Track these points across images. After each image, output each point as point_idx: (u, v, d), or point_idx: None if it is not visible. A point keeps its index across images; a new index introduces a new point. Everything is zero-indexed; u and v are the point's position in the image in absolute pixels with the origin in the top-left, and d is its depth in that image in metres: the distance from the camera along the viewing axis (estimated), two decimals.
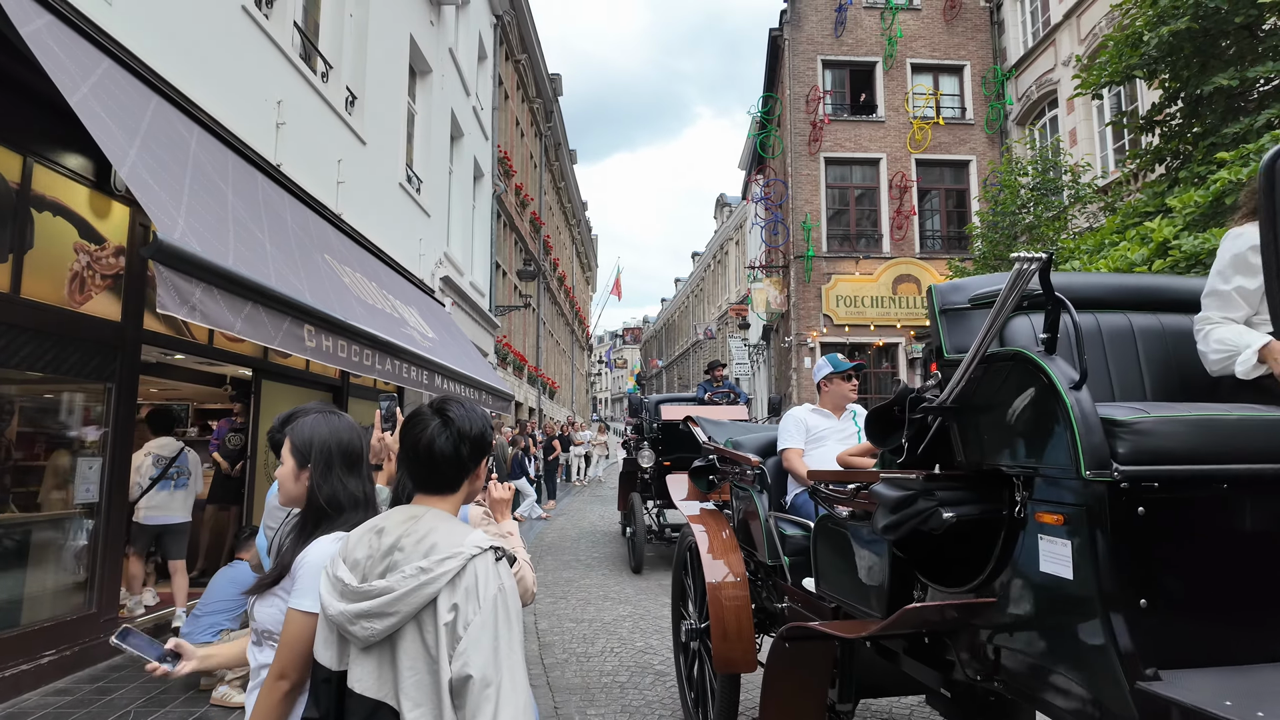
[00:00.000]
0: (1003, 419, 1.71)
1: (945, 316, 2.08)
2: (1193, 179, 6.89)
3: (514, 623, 1.33)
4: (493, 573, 1.33)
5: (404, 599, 1.30)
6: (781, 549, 3.16)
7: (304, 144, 6.55)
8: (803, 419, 3.66)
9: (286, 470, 1.75)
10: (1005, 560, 1.70)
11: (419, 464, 1.50)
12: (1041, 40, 17.03)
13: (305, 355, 4.17)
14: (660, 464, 8.03)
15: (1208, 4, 6.49)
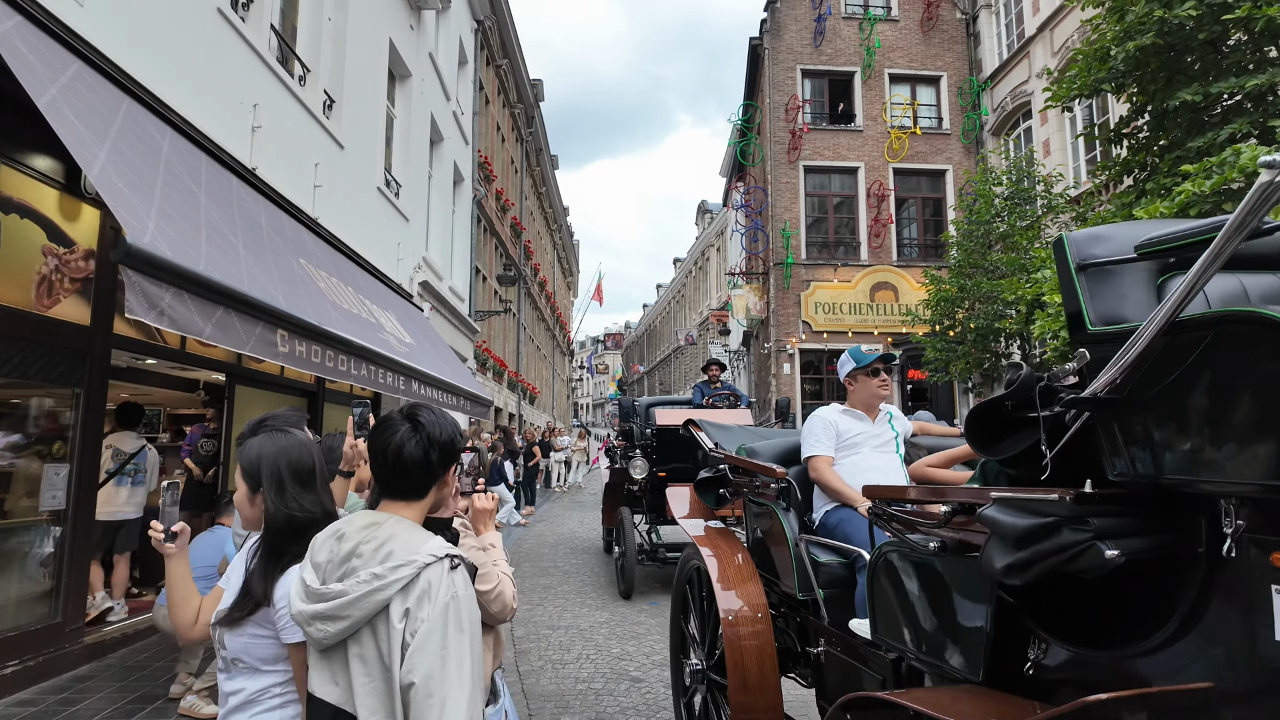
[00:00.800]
0: (1205, 415, 1.21)
1: (1085, 276, 1.53)
2: (1159, 191, 7.05)
3: (466, 632, 1.32)
4: (445, 581, 1.33)
5: (356, 604, 1.31)
6: (815, 580, 2.69)
7: (280, 147, 6.51)
8: (832, 421, 3.15)
9: (241, 495, 1.72)
10: (1198, 617, 1.24)
11: (387, 469, 1.50)
12: (1016, 52, 17.33)
13: (278, 361, 4.14)
14: (654, 474, 7.25)
15: (1172, 20, 6.65)
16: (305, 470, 1.72)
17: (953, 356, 12.78)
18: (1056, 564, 1.31)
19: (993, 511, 1.44)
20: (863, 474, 2.92)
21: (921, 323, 14.03)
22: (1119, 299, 1.51)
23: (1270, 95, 6.78)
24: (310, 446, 1.79)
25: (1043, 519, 1.34)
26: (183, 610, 1.76)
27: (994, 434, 1.61)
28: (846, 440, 3.11)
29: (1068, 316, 1.57)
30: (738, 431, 3.88)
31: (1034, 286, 7.58)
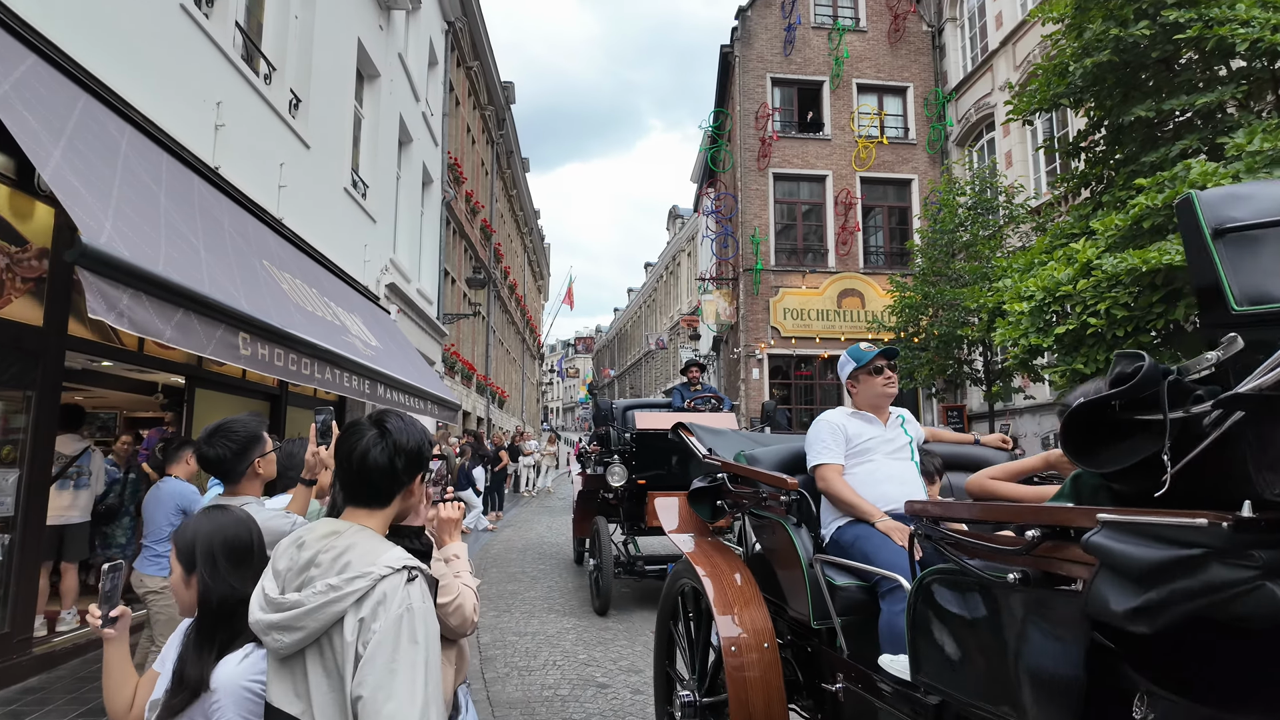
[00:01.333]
0: None
1: (1224, 244, 1.22)
2: (1115, 203, 7.26)
3: (421, 645, 1.29)
4: (401, 593, 1.31)
5: (311, 615, 1.29)
6: (832, 606, 2.40)
7: (244, 147, 6.40)
8: (840, 426, 2.85)
9: (175, 578, 1.67)
10: None
11: (351, 475, 1.48)
12: (980, 65, 17.72)
13: (240, 364, 4.07)
14: (633, 482, 6.83)
15: (1127, 38, 6.87)
16: (242, 548, 1.68)
17: (918, 363, 12.99)
18: (1203, 607, 1.04)
19: (1106, 539, 1.17)
20: (877, 484, 2.70)
21: (887, 329, 14.24)
22: (1268, 272, 1.19)
23: (1219, 113, 7.04)
24: (249, 523, 1.74)
25: (1183, 550, 1.07)
26: (117, 696, 1.71)
27: (1098, 441, 1.29)
28: (857, 446, 2.82)
29: (1199, 293, 1.26)
30: (732, 436, 3.59)
31: (995, 295, 7.75)
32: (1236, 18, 6.20)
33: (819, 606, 2.44)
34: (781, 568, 2.72)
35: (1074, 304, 6.41)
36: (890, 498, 2.63)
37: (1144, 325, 5.98)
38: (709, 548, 3.06)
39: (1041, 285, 6.64)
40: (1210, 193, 1.31)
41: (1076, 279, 6.32)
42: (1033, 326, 6.77)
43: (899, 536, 2.41)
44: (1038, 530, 1.38)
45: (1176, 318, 5.82)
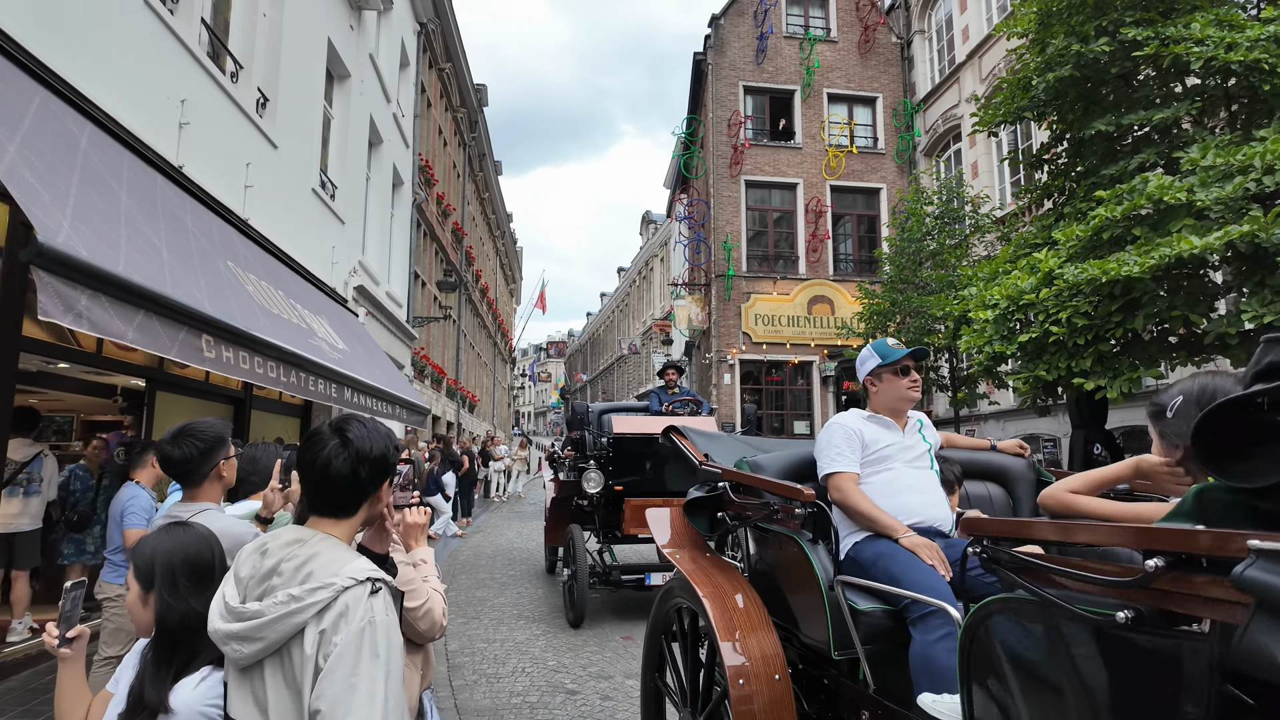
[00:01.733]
0: None
1: None
2: (1076, 214, 7.44)
3: (382, 659, 1.27)
4: (364, 605, 1.28)
5: (271, 626, 1.27)
6: (856, 635, 2.15)
7: (209, 146, 6.28)
8: (856, 430, 2.61)
9: (133, 596, 1.62)
10: None
11: (314, 486, 1.45)
12: (947, 77, 18.07)
13: (204, 367, 3.99)
14: (610, 488, 6.58)
15: (1088, 54, 7.06)
16: (203, 566, 1.63)
17: None
18: None
19: (1265, 573, 0.92)
20: (897, 495, 2.47)
21: (856, 335, 14.42)
22: None
23: (1175, 128, 7.26)
24: (212, 541, 1.70)
25: None
26: (70, 717, 1.67)
27: (1240, 448, 1.09)
28: (874, 453, 2.57)
29: None
30: (729, 441, 3.31)
31: (961, 303, 7.89)
32: (1191, 36, 6.40)
33: (840, 634, 2.17)
34: (794, 589, 2.44)
35: (1037, 312, 6.55)
36: (911, 510, 2.45)
37: (1104, 334, 6.14)
38: (708, 565, 2.76)
39: (1005, 294, 6.78)
40: None
41: (1039, 288, 6.46)
42: (997, 334, 6.90)
43: (927, 554, 2.20)
44: (1160, 559, 1.12)
45: (1135, 327, 5.98)
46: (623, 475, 6.62)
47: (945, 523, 2.50)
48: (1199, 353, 6.36)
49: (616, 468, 6.62)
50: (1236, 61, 6.14)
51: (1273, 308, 5.07)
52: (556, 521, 7.99)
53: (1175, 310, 5.80)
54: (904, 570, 2.16)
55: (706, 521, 2.96)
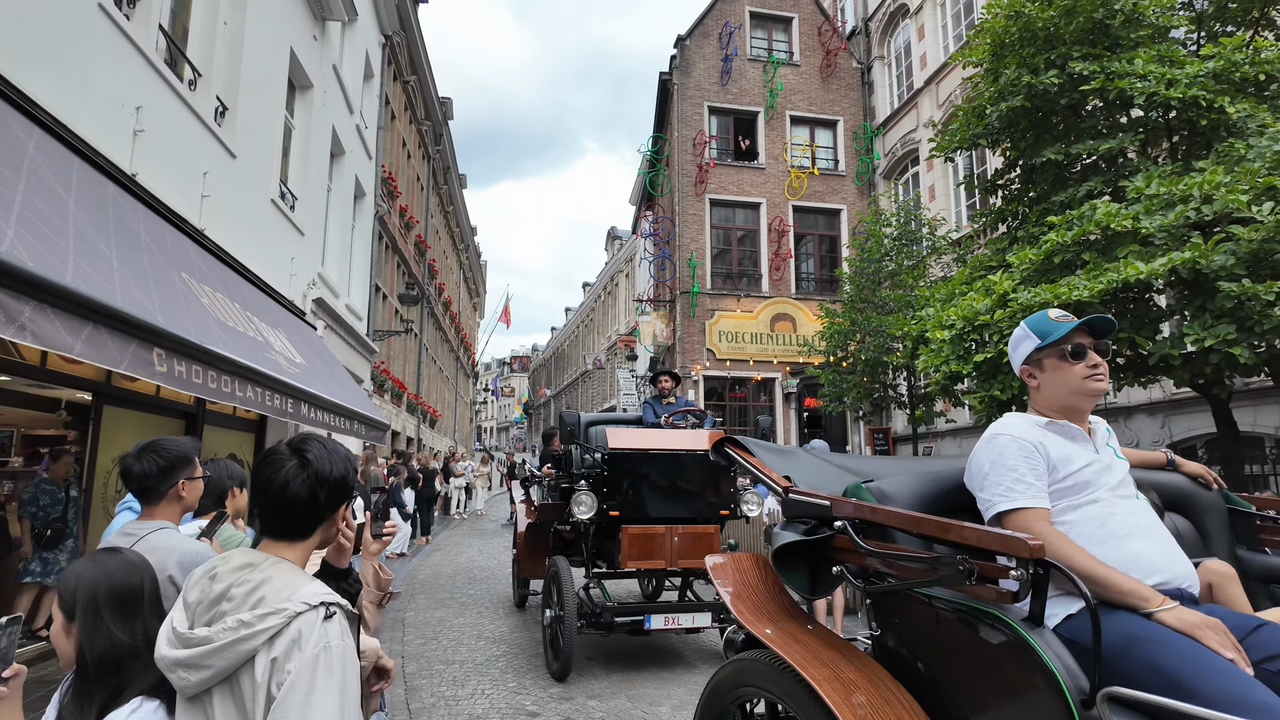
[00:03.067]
0: None
1: None
2: (1028, 238, 7.67)
3: (337, 687, 1.23)
4: (318, 631, 1.24)
5: (219, 653, 1.23)
6: None
7: (165, 154, 6.14)
8: (1035, 444, 1.80)
9: (56, 627, 1.53)
10: None
11: (269, 508, 1.41)
12: (906, 102, 18.55)
13: (155, 381, 3.87)
14: (604, 514, 5.67)
15: (1039, 86, 7.31)
16: (129, 595, 1.55)
17: (846, 387, 13.37)
18: None
19: None
20: (1119, 541, 1.70)
21: (817, 353, 14.62)
22: None
23: (1121, 158, 7.55)
24: (142, 568, 1.62)
25: None
26: None
27: None
28: (1066, 478, 1.78)
29: None
30: (808, 460, 2.44)
31: (919, 323, 8.06)
32: (1134, 72, 6.68)
33: None
34: (997, 699, 1.56)
35: (991, 333, 6.73)
36: (1148, 563, 1.67)
37: None
38: (814, 641, 1.92)
39: (961, 315, 6.94)
40: None
41: (994, 309, 6.63)
42: (953, 354, 7.06)
43: (1215, 639, 1.42)
44: None
45: None
46: (620, 498, 5.68)
47: (1192, 583, 1.72)
48: (1145, 373, 6.58)
49: (612, 489, 5.69)
50: (1176, 97, 6.42)
51: (1213, 331, 5.28)
52: (532, 551, 7.08)
53: (1122, 332, 6.01)
54: (1193, 669, 1.38)
55: (806, 577, 2.06)
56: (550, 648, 5.69)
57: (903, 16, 19.05)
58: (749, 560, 2.37)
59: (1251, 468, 10.48)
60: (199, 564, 1.91)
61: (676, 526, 5.68)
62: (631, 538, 5.60)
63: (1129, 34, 7.36)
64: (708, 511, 5.84)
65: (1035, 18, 7.46)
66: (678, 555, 5.64)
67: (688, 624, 5.64)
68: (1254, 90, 6.83)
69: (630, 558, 5.60)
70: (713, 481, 5.85)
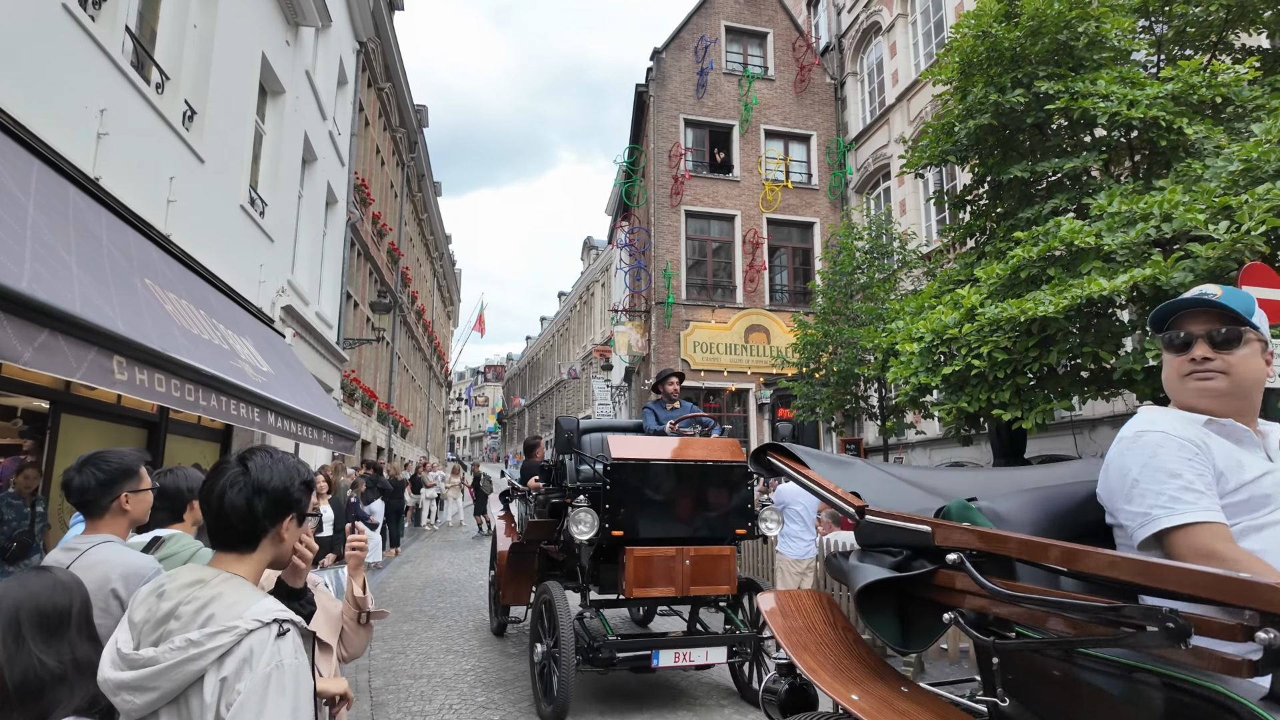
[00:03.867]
0: None
1: None
2: (996, 254, 7.81)
3: (289, 706, 1.21)
4: (270, 649, 1.22)
5: (166, 674, 1.19)
6: None
7: (130, 158, 6.02)
8: (1195, 443, 1.45)
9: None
10: None
11: (210, 517, 1.38)
12: (878, 118, 18.83)
13: (115, 389, 3.77)
14: (607, 534, 4.97)
15: (1005, 104, 7.47)
16: (54, 616, 1.48)
17: (819, 398, 13.47)
18: None
19: None
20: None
21: (790, 365, 14.72)
22: None
23: (1085, 176, 7.73)
24: (72, 588, 1.55)
25: None
26: None
27: None
28: (1240, 490, 1.42)
29: None
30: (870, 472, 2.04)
31: (889, 336, 8.15)
32: (1098, 92, 6.85)
33: None
34: None
35: (960, 346, 6.82)
36: None
37: (1021, 368, 6.43)
38: (919, 712, 1.56)
39: (930, 328, 7.04)
40: None
41: (962, 323, 6.73)
42: (922, 366, 7.15)
43: None
44: None
45: (1049, 362, 6.29)
46: (624, 515, 4.98)
47: None
48: (1108, 387, 6.72)
49: (615, 505, 4.97)
50: (1137, 117, 6.59)
51: None
52: (515, 575, 6.46)
53: (1086, 347, 6.13)
54: None
55: (896, 625, 1.67)
56: (540, 686, 5.00)
57: (875, 34, 19.38)
58: (811, 600, 2.01)
59: None
60: (144, 577, 1.85)
61: (688, 548, 5.00)
62: (638, 561, 4.87)
63: (1092, 56, 7.55)
64: (722, 531, 5.20)
65: (1002, 38, 7.63)
66: (689, 581, 4.95)
67: (700, 660, 4.98)
68: (1210, 113, 7.04)
69: (636, 584, 4.84)
70: (727, 496, 5.23)
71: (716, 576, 5.02)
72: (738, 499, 5.25)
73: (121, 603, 1.90)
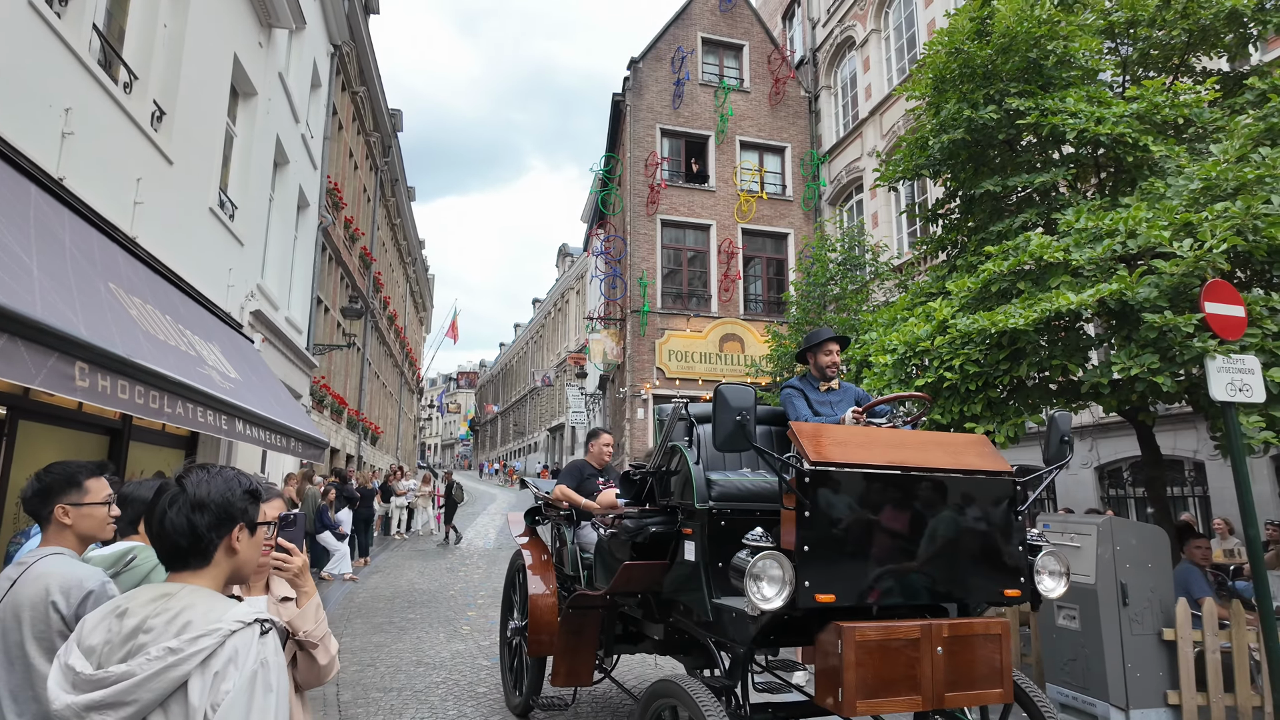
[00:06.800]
0: None
1: None
2: (967, 267, 7.93)
3: (274, 704, 1.22)
4: (255, 647, 1.23)
5: (145, 684, 1.16)
6: None
7: (96, 158, 5.88)
8: None
9: None
10: None
11: (156, 540, 1.37)
12: (851, 131, 19.09)
13: (76, 396, 3.67)
14: (807, 596, 2.75)
15: (978, 120, 7.61)
16: None
17: None
18: None
19: None
20: None
21: (764, 374, 14.80)
22: None
23: (1054, 191, 7.89)
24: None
25: None
26: None
27: None
28: None
29: None
30: None
31: (862, 347, 8.23)
32: (1066, 109, 7.00)
33: None
34: None
35: (932, 358, 6.90)
36: None
37: (992, 380, 6.52)
38: None
39: (903, 340, 7.11)
40: None
41: (934, 335, 6.81)
42: (895, 378, 7.21)
43: None
44: None
45: (1019, 374, 6.39)
46: (835, 565, 2.85)
47: None
48: (1076, 399, 6.84)
49: (819, 546, 2.82)
50: (1104, 134, 6.75)
51: (1138, 360, 5.53)
52: (577, 641, 4.31)
53: (1055, 360, 6.24)
54: None
55: None
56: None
57: (849, 48, 19.66)
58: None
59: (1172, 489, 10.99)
60: (84, 588, 1.81)
61: (938, 623, 2.91)
62: (865, 651, 2.73)
63: (1061, 74, 7.72)
64: (987, 591, 3.13)
65: (974, 55, 7.77)
66: (946, 683, 2.84)
67: None
68: (1173, 132, 7.23)
69: (861, 690, 2.69)
70: (991, 531, 3.12)
71: (981, 672, 2.93)
72: (1005, 535, 3.15)
73: (61, 615, 1.86)
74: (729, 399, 2.97)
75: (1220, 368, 4.93)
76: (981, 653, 2.95)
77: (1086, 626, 5.29)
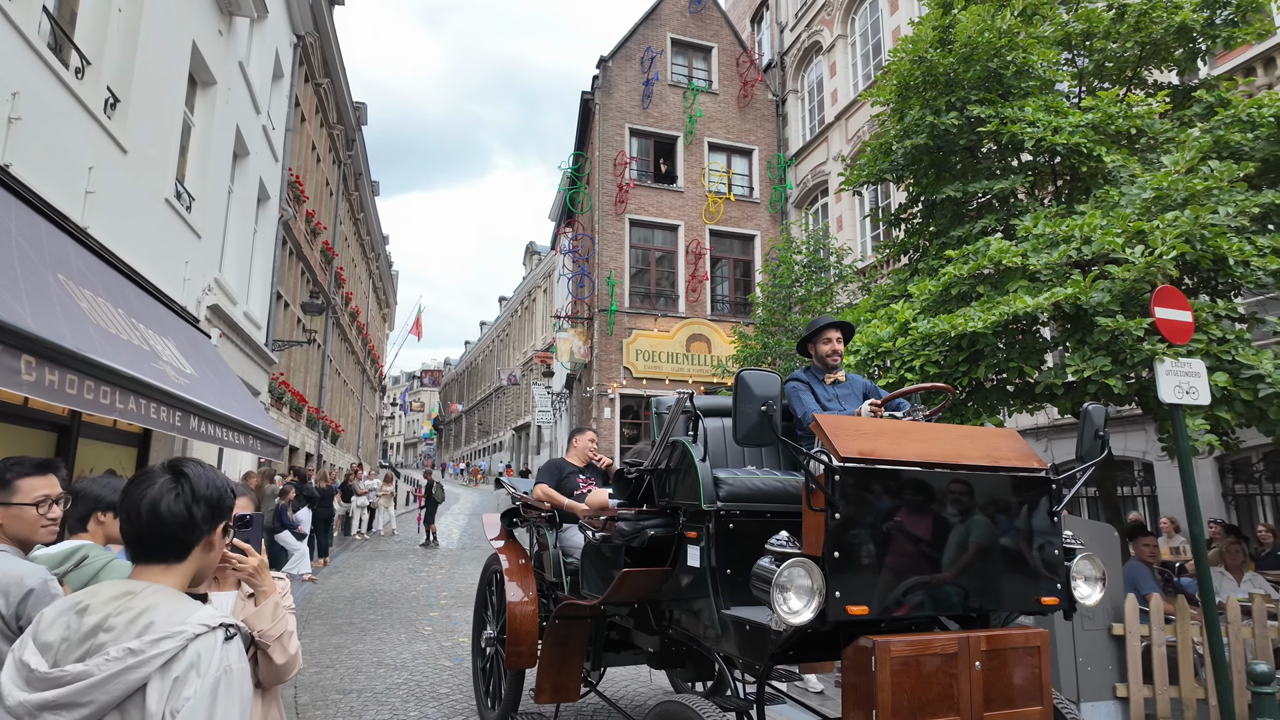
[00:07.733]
0: None
1: None
2: (928, 270, 8.08)
3: (237, 712, 1.19)
4: (219, 653, 1.19)
5: (102, 686, 1.13)
6: None
7: (45, 145, 5.68)
8: None
9: None
10: None
11: (139, 527, 1.32)
12: (817, 135, 19.32)
13: (22, 391, 3.54)
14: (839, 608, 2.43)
15: (940, 126, 7.75)
16: None
17: None
18: None
19: None
20: None
21: (730, 375, 14.90)
22: None
23: (1012, 198, 8.08)
24: None
25: None
26: None
27: None
28: None
29: None
30: None
31: None
32: (1025, 118, 7.18)
33: None
34: None
35: (894, 359, 7.01)
36: None
37: (952, 381, 6.65)
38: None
39: (866, 341, 7.22)
40: None
41: (896, 337, 6.92)
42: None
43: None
44: None
45: (978, 376, 6.53)
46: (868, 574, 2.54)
47: None
48: (1032, 400, 7.02)
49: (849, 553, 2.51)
50: (1061, 143, 6.93)
51: (1091, 363, 5.69)
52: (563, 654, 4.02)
53: (1012, 362, 6.39)
54: None
55: None
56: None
57: (816, 54, 19.89)
58: None
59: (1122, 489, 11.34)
60: (21, 585, 1.77)
61: (976, 636, 2.60)
62: (900, 669, 2.42)
63: (1019, 84, 7.90)
64: (1022, 599, 2.86)
65: (937, 63, 7.92)
66: (984, 701, 2.56)
67: None
68: (1126, 143, 7.46)
69: (896, 711, 2.39)
70: (1026, 533, 2.84)
71: (1021, 688, 2.65)
72: (1040, 538, 2.88)
73: (0, 614, 1.80)
74: (753, 387, 2.66)
75: (1169, 370, 5.10)
76: (1021, 666, 2.68)
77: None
